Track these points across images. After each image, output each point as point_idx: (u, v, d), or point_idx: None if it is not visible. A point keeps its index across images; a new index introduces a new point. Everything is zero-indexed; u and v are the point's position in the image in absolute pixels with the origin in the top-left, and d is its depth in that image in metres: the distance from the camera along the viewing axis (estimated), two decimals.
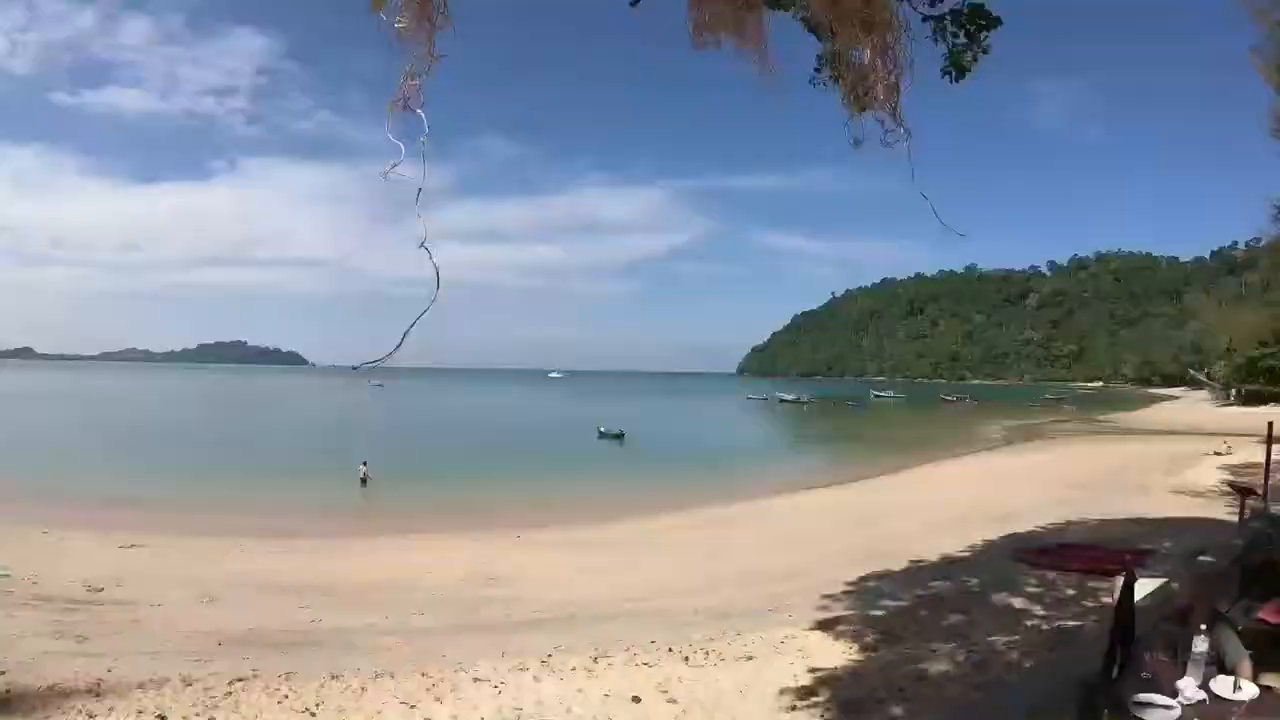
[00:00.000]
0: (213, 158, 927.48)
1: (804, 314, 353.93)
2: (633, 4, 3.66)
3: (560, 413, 79.60)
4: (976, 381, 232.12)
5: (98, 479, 27.12)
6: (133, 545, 15.66)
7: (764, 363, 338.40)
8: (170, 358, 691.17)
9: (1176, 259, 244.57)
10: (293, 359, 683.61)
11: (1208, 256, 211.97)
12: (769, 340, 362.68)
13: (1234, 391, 79.67)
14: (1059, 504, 18.24)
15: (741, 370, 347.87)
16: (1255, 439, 21.24)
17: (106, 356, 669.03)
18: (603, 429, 51.02)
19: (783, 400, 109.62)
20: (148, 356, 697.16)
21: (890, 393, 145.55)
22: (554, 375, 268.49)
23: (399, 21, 3.03)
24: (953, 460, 36.19)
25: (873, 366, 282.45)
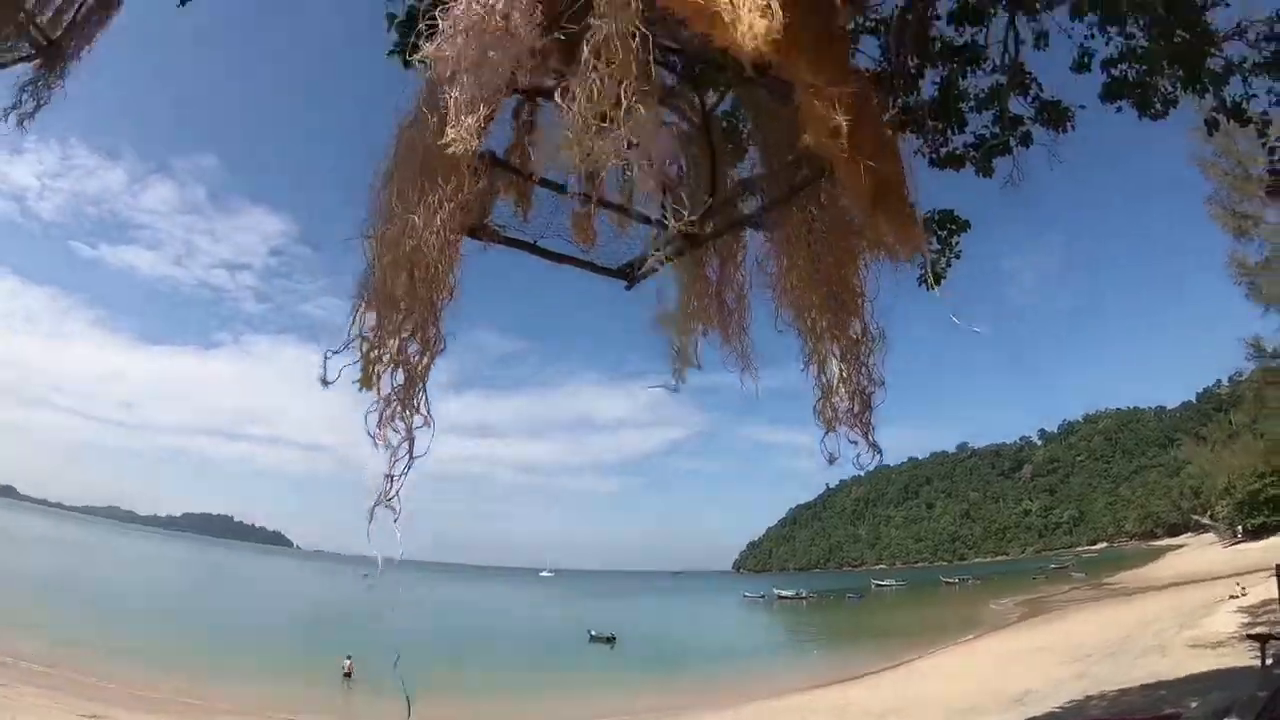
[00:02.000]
0: (219, 329, 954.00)
1: (799, 507, 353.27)
2: (628, 288, 4.15)
3: (551, 613, 77.24)
4: (979, 560, 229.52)
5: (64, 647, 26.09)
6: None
7: (760, 558, 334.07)
8: (153, 521, 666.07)
9: (1164, 407, 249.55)
10: (278, 539, 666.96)
11: (1194, 399, 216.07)
12: (764, 535, 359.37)
13: (1240, 528, 79.05)
14: (1075, 679, 17.70)
15: (738, 567, 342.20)
16: (1268, 573, 20.86)
17: (89, 510, 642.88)
18: (594, 632, 49.35)
19: (780, 596, 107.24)
20: (130, 517, 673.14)
21: (891, 581, 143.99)
22: (545, 575, 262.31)
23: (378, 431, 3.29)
24: (961, 645, 35.28)
25: (871, 555, 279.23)
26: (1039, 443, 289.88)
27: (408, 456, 3.25)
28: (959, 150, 11.27)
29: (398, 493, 3.20)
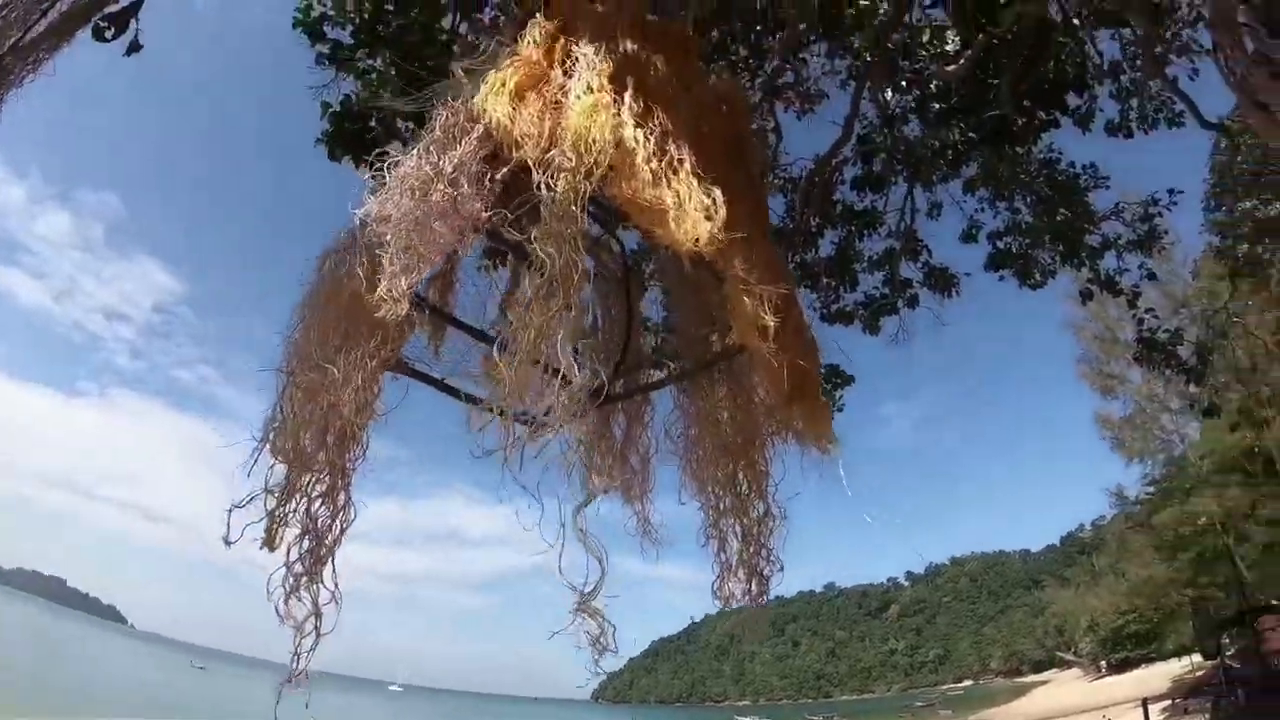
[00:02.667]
0: (87, 377, 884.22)
1: (663, 640, 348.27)
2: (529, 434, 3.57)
3: None
4: (844, 697, 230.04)
5: None
6: None
7: (620, 689, 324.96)
8: None
9: (1028, 551, 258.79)
10: (111, 614, 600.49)
11: (1057, 543, 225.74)
12: (625, 666, 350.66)
13: (1104, 663, 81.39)
14: None
15: (596, 696, 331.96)
16: (1134, 704, 21.30)
17: None
18: None
19: None
20: None
21: (754, 717, 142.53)
22: (394, 688, 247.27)
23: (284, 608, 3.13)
24: None
25: (735, 690, 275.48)
26: (906, 584, 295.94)
27: (314, 634, 3.06)
28: (849, 308, 11.80)
29: (304, 672, 3.03)
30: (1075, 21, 10.38)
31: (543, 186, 2.66)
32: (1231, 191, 31.02)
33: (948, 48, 9.40)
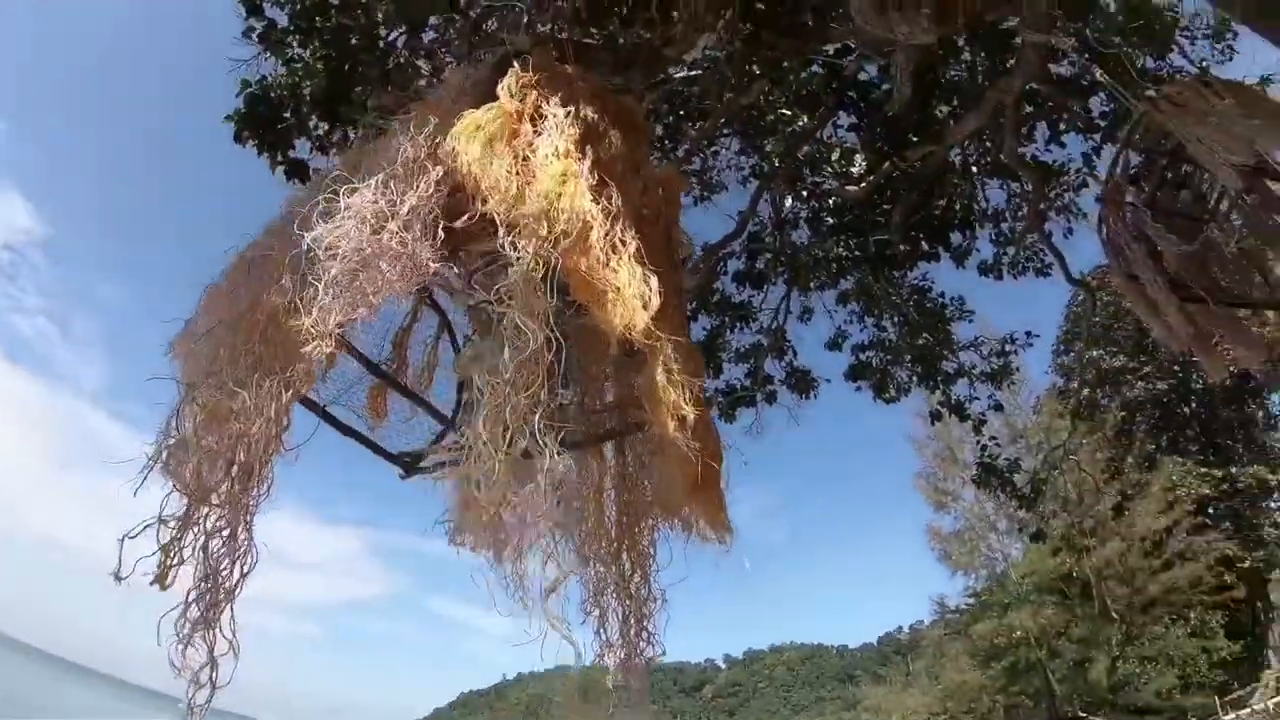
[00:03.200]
0: None
1: (471, 692, 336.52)
2: (403, 478, 3.84)
3: None
4: None
5: None
6: None
7: None
8: None
9: (846, 646, 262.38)
10: None
11: (875, 641, 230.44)
12: (431, 714, 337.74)
13: None
14: None
15: None
16: None
17: None
18: None
19: None
20: None
21: None
22: (183, 707, 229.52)
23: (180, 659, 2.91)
24: None
25: None
26: (723, 666, 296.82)
27: (210, 686, 2.84)
28: (709, 394, 12.13)
29: None
30: (973, 169, 11.26)
31: (508, 248, 2.63)
32: (1081, 340, 33.84)
33: (853, 169, 9.96)
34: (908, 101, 8.21)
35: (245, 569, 2.96)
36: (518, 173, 2.79)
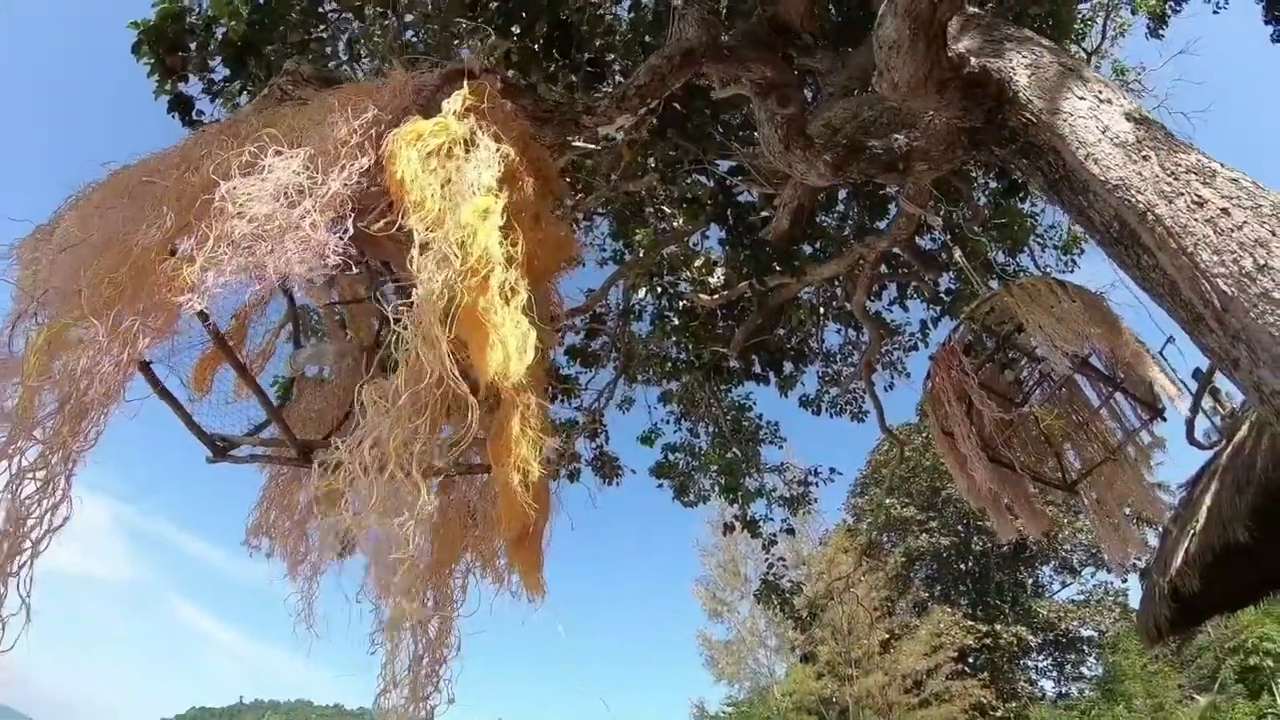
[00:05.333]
0: None
1: (204, 709, 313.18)
2: (210, 461, 3.52)
3: None
4: None
5: None
6: None
7: None
8: None
9: None
10: None
11: None
12: None
13: None
14: None
15: None
16: None
17: None
18: None
19: None
20: None
21: None
22: None
23: None
24: None
25: None
26: None
27: None
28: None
29: None
30: (820, 309, 11.86)
31: (417, 269, 2.57)
32: (878, 486, 35.81)
33: (711, 280, 10.28)
34: (784, 234, 8.61)
35: (56, 523, 2.56)
36: (445, 196, 2.75)
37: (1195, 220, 3.50)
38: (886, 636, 37.36)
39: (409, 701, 3.16)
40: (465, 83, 3.25)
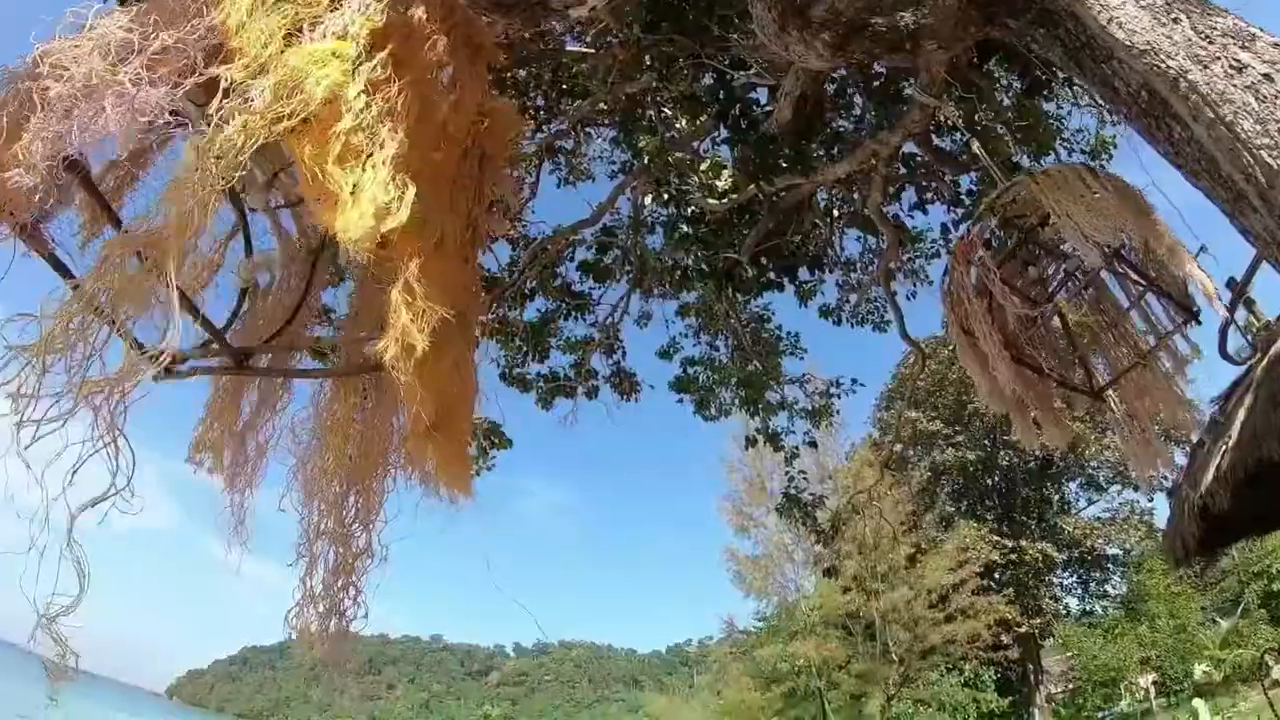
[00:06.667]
0: None
1: (254, 648, 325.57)
2: (155, 380, 3.15)
3: None
4: None
5: None
6: None
7: (199, 691, 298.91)
8: None
9: (635, 651, 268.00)
10: None
11: (663, 650, 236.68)
12: (210, 665, 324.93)
13: None
14: None
15: (172, 693, 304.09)
16: None
17: None
18: None
19: None
20: None
21: None
22: None
23: None
24: None
25: (318, 718, 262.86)
26: (512, 654, 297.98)
27: None
28: (530, 376, 11.95)
29: None
30: (834, 212, 11.47)
31: (224, 111, 2.27)
32: (903, 400, 35.66)
33: (718, 183, 9.95)
34: (786, 125, 8.23)
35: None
36: (282, 43, 2.41)
37: (1234, 87, 3.15)
38: (912, 551, 37.60)
39: (325, 616, 3.09)
40: None
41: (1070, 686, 38.84)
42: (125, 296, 2.41)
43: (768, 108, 8.88)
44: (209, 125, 2.32)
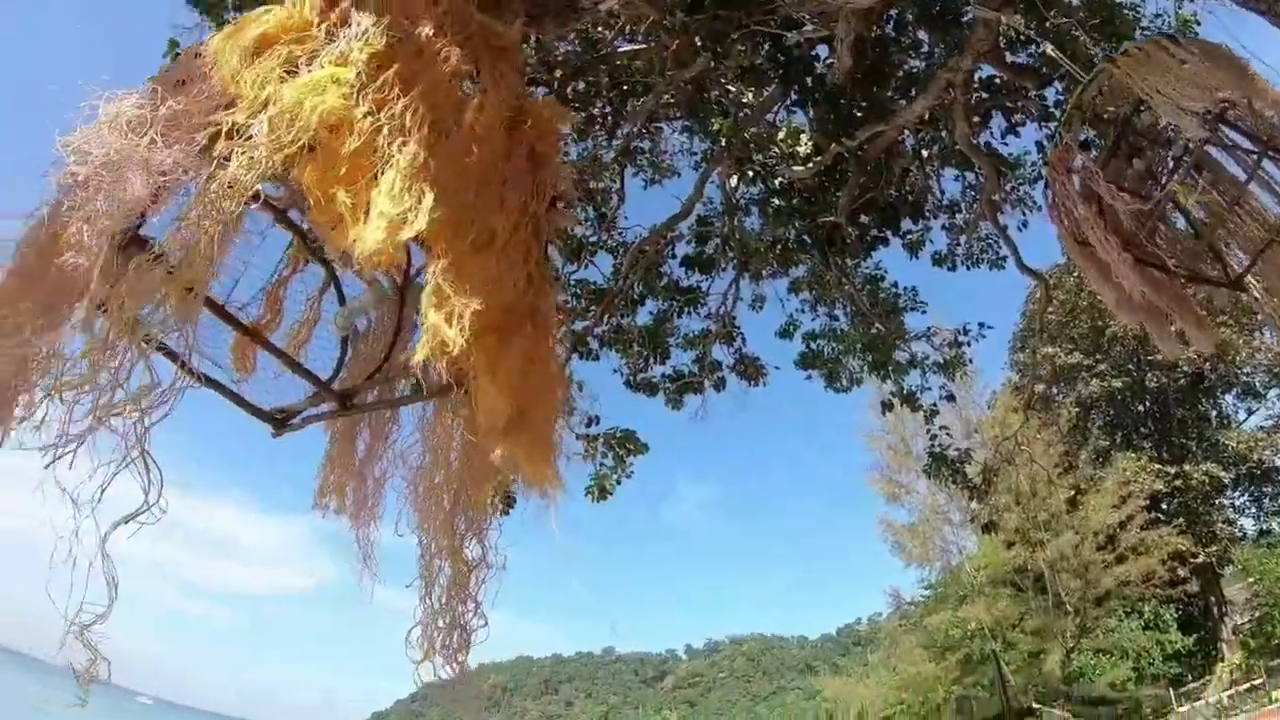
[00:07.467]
0: None
1: (431, 684, 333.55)
2: (274, 435, 3.37)
3: None
4: None
5: None
6: None
7: None
8: None
9: (805, 637, 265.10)
10: None
11: (834, 633, 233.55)
12: (391, 707, 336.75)
13: None
14: None
15: None
16: None
17: None
18: None
19: None
20: None
21: None
22: (144, 700, 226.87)
23: None
24: None
25: None
26: (684, 657, 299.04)
27: None
28: (656, 379, 11.88)
29: None
30: (924, 154, 11.00)
31: (225, 149, 2.29)
32: (1037, 336, 34.17)
33: (799, 149, 9.66)
34: (850, 73, 7.93)
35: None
36: (274, 83, 2.40)
37: None
38: (1071, 494, 36.01)
39: (447, 631, 3.05)
40: None
41: (1257, 614, 36.24)
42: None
43: (829, 61, 8.58)
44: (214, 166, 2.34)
